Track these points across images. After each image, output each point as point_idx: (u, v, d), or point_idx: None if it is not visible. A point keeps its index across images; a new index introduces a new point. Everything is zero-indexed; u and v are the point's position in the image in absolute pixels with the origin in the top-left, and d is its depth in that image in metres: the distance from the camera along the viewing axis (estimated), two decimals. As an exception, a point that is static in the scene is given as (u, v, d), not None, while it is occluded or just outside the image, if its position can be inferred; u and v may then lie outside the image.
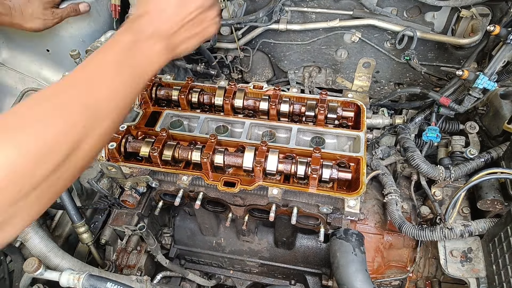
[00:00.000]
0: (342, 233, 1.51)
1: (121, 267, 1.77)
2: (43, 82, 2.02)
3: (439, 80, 2.03)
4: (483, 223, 1.56)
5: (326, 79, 2.30)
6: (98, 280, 1.26)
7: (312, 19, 1.98)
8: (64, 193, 1.51)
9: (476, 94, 1.61)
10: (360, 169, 1.40)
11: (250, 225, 1.89)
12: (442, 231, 1.56)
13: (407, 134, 1.82)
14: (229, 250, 2.07)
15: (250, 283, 2.21)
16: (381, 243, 1.91)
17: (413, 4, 1.81)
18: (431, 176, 1.66)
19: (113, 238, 1.81)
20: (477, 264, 1.56)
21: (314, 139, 1.58)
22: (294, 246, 1.96)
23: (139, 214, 1.72)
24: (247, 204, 1.53)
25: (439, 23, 1.87)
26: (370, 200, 1.97)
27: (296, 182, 1.46)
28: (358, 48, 2.04)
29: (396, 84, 2.21)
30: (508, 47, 1.49)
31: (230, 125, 1.68)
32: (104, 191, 1.69)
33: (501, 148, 1.65)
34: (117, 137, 1.49)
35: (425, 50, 1.95)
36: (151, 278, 1.78)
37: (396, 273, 1.88)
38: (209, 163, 1.41)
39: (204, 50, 2.24)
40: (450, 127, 1.89)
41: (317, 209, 1.46)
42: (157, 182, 1.58)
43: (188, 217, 2.06)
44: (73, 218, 1.53)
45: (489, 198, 1.54)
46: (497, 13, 1.70)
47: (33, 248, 1.37)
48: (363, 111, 1.60)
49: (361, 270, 1.43)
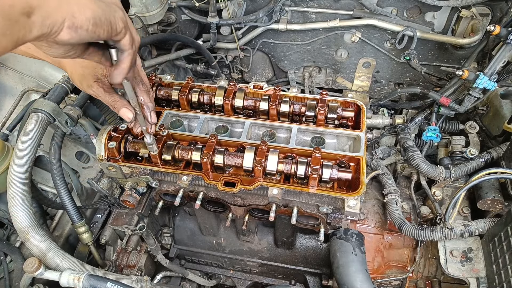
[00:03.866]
0: (342, 233, 1.51)
1: (121, 267, 1.77)
2: (43, 82, 2.02)
3: (439, 80, 2.03)
4: (483, 223, 1.56)
5: (326, 79, 2.30)
6: (98, 280, 1.26)
7: (312, 19, 1.98)
8: (64, 193, 1.51)
9: (476, 94, 1.61)
10: (360, 169, 1.40)
11: (250, 225, 1.89)
12: (442, 231, 1.56)
13: (407, 134, 1.82)
14: (229, 250, 2.07)
15: (250, 283, 2.21)
16: (381, 243, 1.91)
17: (413, 4, 1.81)
18: (431, 176, 1.66)
19: (113, 238, 1.81)
20: (477, 264, 1.56)
21: (314, 139, 1.58)
22: (294, 246, 1.96)
23: (139, 214, 1.71)
24: (247, 204, 1.53)
25: (439, 23, 1.87)
26: (370, 200, 1.97)
27: (296, 182, 1.46)
28: (358, 48, 2.04)
29: (396, 84, 2.21)
30: (508, 47, 1.49)
31: (230, 125, 1.68)
32: (104, 191, 1.69)
33: (501, 148, 1.65)
34: (117, 137, 1.49)
35: (425, 50, 1.95)
36: (151, 278, 1.77)
37: (396, 273, 1.88)
38: (209, 163, 1.41)
39: (204, 50, 2.24)
40: (450, 127, 1.89)
41: (317, 209, 1.46)
42: (157, 182, 1.58)
43: (188, 217, 2.06)
44: (73, 218, 1.53)
45: (489, 198, 1.54)
46: (497, 13, 1.70)
47: (33, 248, 1.37)
48: (363, 111, 1.60)
49: (361, 270, 1.43)
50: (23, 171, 1.42)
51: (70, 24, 0.73)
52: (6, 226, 1.83)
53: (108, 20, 0.80)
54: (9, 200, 1.39)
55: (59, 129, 1.58)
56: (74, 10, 0.73)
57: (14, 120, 1.82)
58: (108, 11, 0.80)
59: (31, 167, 1.45)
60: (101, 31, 0.79)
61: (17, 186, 1.40)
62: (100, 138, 1.49)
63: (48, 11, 0.69)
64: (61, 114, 1.56)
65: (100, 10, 0.78)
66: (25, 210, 1.38)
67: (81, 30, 0.75)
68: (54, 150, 1.54)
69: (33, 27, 0.68)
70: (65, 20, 0.72)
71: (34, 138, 1.45)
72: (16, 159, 1.42)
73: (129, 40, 0.89)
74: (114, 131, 1.51)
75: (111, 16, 0.81)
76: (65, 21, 0.72)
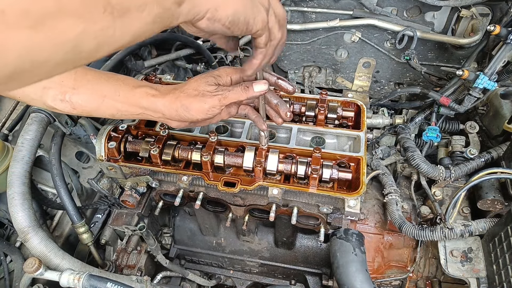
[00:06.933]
0: (342, 233, 1.51)
1: (121, 267, 1.77)
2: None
3: (439, 80, 2.03)
4: (483, 223, 1.56)
5: (326, 79, 2.30)
6: (98, 280, 1.26)
7: (312, 19, 1.98)
8: (64, 193, 1.51)
9: (476, 94, 1.61)
10: (360, 169, 1.40)
11: (250, 225, 1.89)
12: (442, 231, 1.56)
13: (407, 134, 1.82)
14: (229, 250, 2.07)
15: (250, 283, 2.21)
16: (381, 243, 1.91)
17: (413, 4, 1.81)
18: (431, 176, 1.66)
19: (113, 238, 1.81)
20: (477, 264, 1.56)
21: (314, 139, 1.58)
22: (294, 246, 1.96)
23: (139, 214, 1.71)
24: (247, 204, 1.53)
25: (439, 23, 1.87)
26: (370, 200, 1.97)
27: (296, 182, 1.46)
28: (358, 48, 2.04)
29: (396, 84, 2.21)
30: (508, 47, 1.49)
31: (230, 125, 1.67)
32: (104, 191, 1.69)
33: (501, 148, 1.65)
34: (117, 137, 1.49)
35: (425, 50, 1.95)
36: (151, 278, 1.77)
37: (396, 273, 1.88)
38: (209, 163, 1.41)
39: (204, 50, 2.24)
40: (450, 127, 1.89)
41: (317, 209, 1.46)
42: (157, 182, 1.58)
43: (188, 217, 2.06)
44: (73, 218, 1.53)
45: (489, 198, 1.54)
46: (497, 13, 1.70)
47: (33, 248, 1.37)
48: (363, 111, 1.60)
49: (361, 270, 1.43)
50: (23, 171, 1.42)
51: (210, 16, 0.74)
52: (6, 226, 1.83)
53: (246, 21, 0.80)
54: (9, 200, 1.39)
55: (59, 129, 1.58)
56: (219, 3, 0.74)
57: (14, 120, 1.82)
58: (251, 12, 0.81)
59: (31, 167, 1.45)
60: (236, 29, 0.80)
61: (17, 186, 1.40)
62: (100, 138, 1.49)
63: (196, 1, 0.70)
64: (61, 114, 1.56)
65: (242, 8, 0.78)
66: (25, 210, 1.38)
67: (218, 23, 0.77)
68: (54, 150, 1.54)
69: (180, 15, 0.68)
70: (208, 11, 0.73)
71: (34, 138, 1.45)
72: (16, 159, 1.42)
73: (265, 40, 0.90)
74: (114, 131, 1.51)
75: (251, 17, 0.81)
76: (208, 12, 0.74)
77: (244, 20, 0.80)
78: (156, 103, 1.10)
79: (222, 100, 1.07)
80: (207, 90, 1.08)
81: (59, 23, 0.46)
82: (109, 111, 1.14)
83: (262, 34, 0.88)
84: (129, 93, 1.10)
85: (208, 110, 1.07)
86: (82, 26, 0.49)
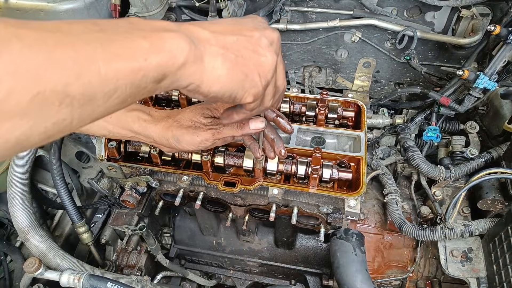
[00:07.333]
0: (343, 233, 1.51)
1: (121, 267, 1.77)
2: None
3: (440, 80, 2.03)
4: (483, 223, 1.55)
5: (326, 79, 2.30)
6: (98, 280, 1.26)
7: (312, 19, 1.98)
8: (64, 193, 1.51)
9: (477, 94, 1.61)
10: (361, 169, 1.40)
11: (250, 225, 1.89)
12: (443, 231, 1.56)
13: (407, 134, 1.82)
14: (229, 250, 2.07)
15: (250, 283, 2.21)
16: (381, 243, 1.91)
17: (413, 4, 1.81)
18: (432, 176, 1.66)
19: (113, 238, 1.81)
20: (478, 264, 1.56)
21: (315, 139, 1.58)
22: (294, 246, 1.96)
23: (139, 214, 1.71)
24: (248, 204, 1.53)
25: (439, 23, 1.86)
26: (370, 200, 1.97)
27: (296, 182, 1.46)
28: (358, 48, 2.04)
29: (396, 84, 2.21)
30: (508, 47, 1.49)
31: (230, 125, 1.68)
32: (104, 191, 1.69)
33: (501, 148, 1.65)
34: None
35: (425, 50, 1.95)
36: (151, 278, 1.77)
37: (397, 273, 1.88)
38: (209, 163, 1.41)
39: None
40: (450, 127, 1.89)
41: (318, 209, 1.46)
42: (157, 182, 1.58)
43: (188, 217, 2.06)
44: (73, 218, 1.53)
45: (490, 198, 1.54)
46: (497, 13, 1.70)
47: (33, 248, 1.37)
48: (363, 111, 1.60)
49: (361, 270, 1.43)
50: (23, 171, 1.42)
51: (191, 88, 0.68)
52: (6, 226, 1.83)
53: (233, 96, 0.72)
54: (9, 200, 1.39)
55: (59, 129, 1.58)
56: (203, 79, 0.67)
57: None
58: (241, 88, 0.72)
59: (31, 167, 1.45)
60: (220, 101, 0.74)
61: (17, 186, 1.40)
62: (100, 138, 1.49)
63: (178, 78, 0.64)
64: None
65: (229, 85, 0.70)
66: (25, 210, 1.38)
67: (200, 96, 0.71)
68: (54, 150, 1.54)
69: (158, 89, 0.63)
70: (189, 85, 0.67)
71: (34, 138, 1.45)
72: (16, 159, 1.42)
73: (253, 107, 0.81)
74: (114, 131, 1.51)
75: (239, 93, 0.73)
76: (189, 86, 0.67)
77: (230, 95, 0.72)
78: (148, 129, 1.09)
79: (216, 135, 1.05)
80: (201, 123, 1.05)
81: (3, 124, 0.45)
82: (100, 132, 1.14)
83: (251, 104, 0.79)
84: (121, 116, 1.09)
85: (199, 143, 1.05)
86: (28, 124, 0.47)
